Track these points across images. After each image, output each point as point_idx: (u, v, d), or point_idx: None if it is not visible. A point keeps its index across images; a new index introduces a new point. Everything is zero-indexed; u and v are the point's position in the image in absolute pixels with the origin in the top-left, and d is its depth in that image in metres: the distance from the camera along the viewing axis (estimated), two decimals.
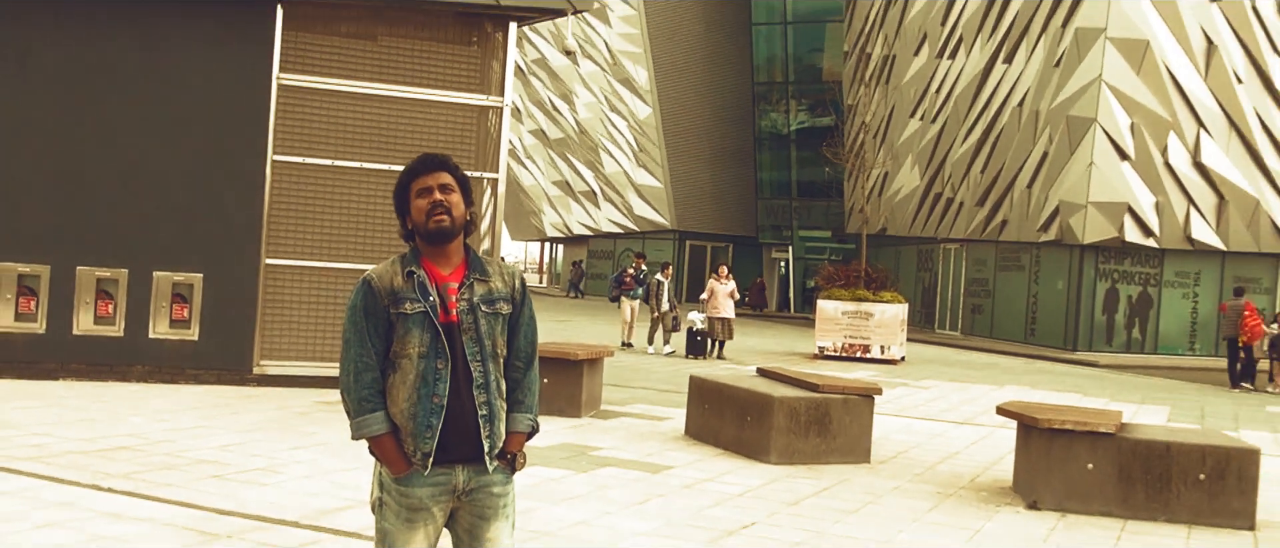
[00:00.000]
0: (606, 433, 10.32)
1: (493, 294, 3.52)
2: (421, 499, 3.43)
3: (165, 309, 11.57)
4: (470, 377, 3.43)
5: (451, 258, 3.52)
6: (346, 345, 3.46)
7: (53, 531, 5.89)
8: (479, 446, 3.44)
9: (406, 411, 3.41)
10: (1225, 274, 29.26)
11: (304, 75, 11.86)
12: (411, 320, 3.41)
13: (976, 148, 32.02)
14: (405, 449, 3.43)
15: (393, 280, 3.45)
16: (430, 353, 3.41)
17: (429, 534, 3.49)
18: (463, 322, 3.45)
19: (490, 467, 3.46)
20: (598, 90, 46.28)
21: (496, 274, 3.57)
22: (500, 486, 3.51)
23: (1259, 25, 28.66)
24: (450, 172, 3.52)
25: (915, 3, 35.15)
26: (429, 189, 3.48)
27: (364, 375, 3.43)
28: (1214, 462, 8.04)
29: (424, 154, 3.59)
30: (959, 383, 18.19)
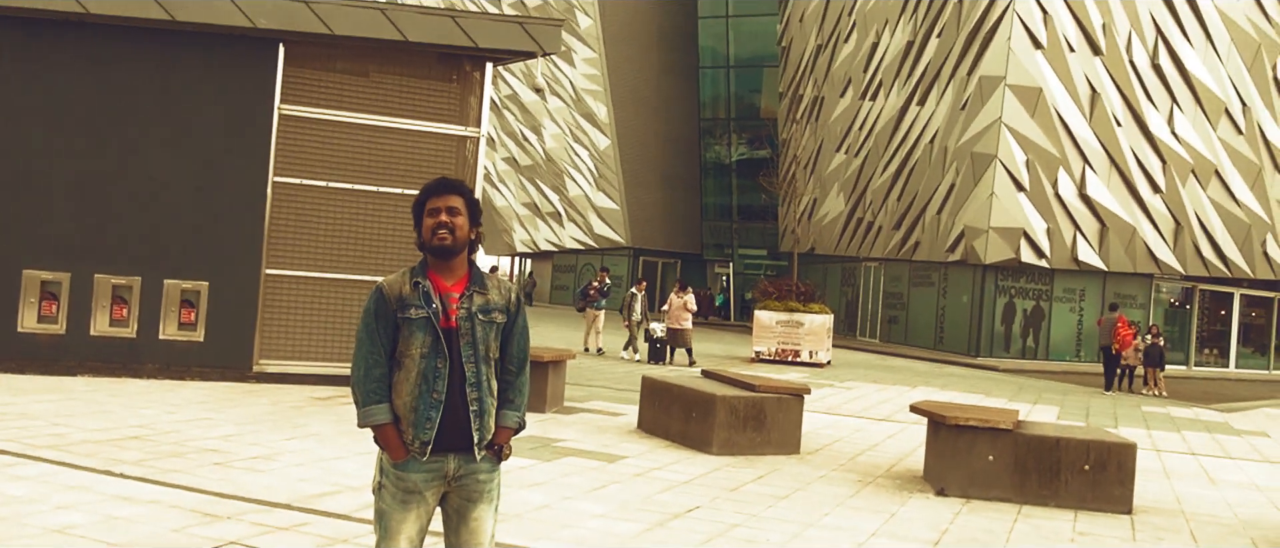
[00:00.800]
0: (568, 427, 10.27)
1: (489, 305, 3.55)
2: (416, 483, 3.46)
3: (174, 313, 11.39)
4: (464, 376, 3.47)
5: (456, 271, 3.56)
6: (359, 344, 3.51)
7: (70, 512, 5.76)
8: (469, 437, 3.48)
9: (408, 403, 3.46)
10: (1107, 291, 29.68)
11: (303, 106, 11.74)
12: (415, 324, 3.46)
13: (893, 179, 32.27)
14: (404, 438, 3.47)
15: (402, 289, 3.51)
16: (431, 353, 3.46)
17: (421, 515, 3.51)
18: (461, 327, 3.49)
19: (478, 456, 3.50)
20: (563, 123, 46.21)
21: (494, 288, 3.61)
22: (486, 473, 3.55)
23: (1135, 77, 29.16)
24: (462, 195, 3.56)
25: (841, 51, 35.41)
26: (438, 210, 3.51)
27: (373, 371, 3.48)
28: (1097, 454, 8.13)
29: (440, 178, 3.62)
30: (878, 384, 18.28)
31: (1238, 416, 17.51)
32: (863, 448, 10.42)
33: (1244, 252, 32.18)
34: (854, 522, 7.02)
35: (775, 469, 8.77)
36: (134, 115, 11.44)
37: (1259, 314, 36.05)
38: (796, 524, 6.82)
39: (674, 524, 6.56)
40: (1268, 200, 32.47)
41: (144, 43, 11.42)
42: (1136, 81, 29.15)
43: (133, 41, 11.40)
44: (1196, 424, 15.42)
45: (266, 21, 11.38)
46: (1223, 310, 34.53)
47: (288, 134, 11.68)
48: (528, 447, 8.86)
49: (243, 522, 5.81)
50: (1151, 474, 9.94)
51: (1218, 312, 34.44)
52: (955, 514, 7.53)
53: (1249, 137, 31.57)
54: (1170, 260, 30.54)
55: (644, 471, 8.30)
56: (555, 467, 8.13)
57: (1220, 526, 7.91)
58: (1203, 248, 31.14)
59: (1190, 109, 30.13)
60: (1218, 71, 30.60)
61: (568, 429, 10.08)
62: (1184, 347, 32.81)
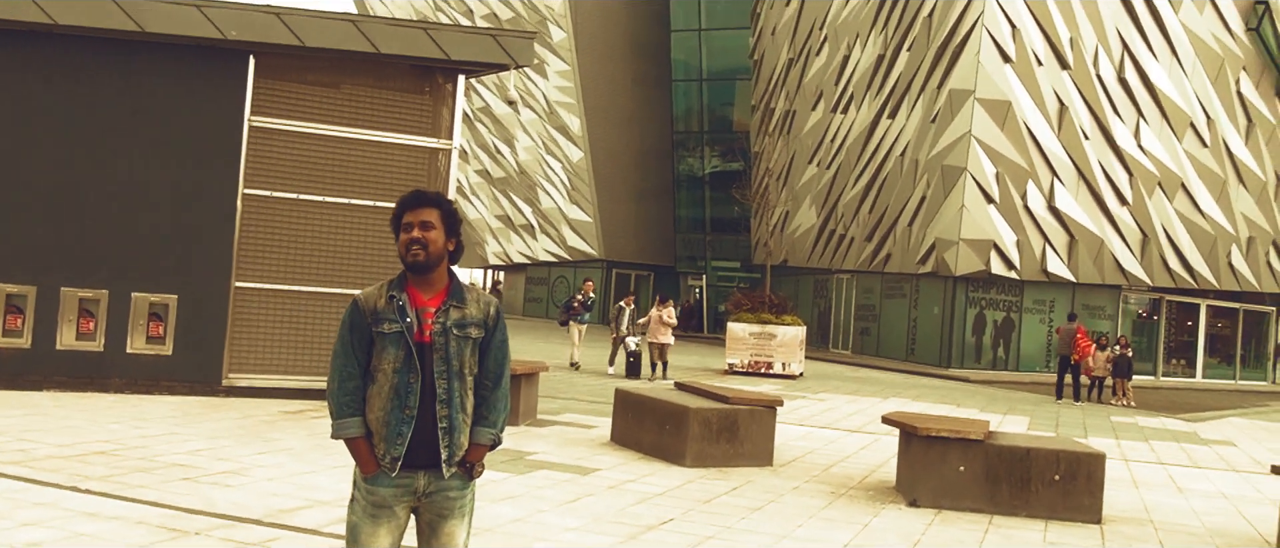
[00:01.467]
0: (541, 439, 10.23)
1: (465, 319, 3.52)
2: (385, 498, 3.44)
3: (142, 327, 11.26)
4: (435, 392, 3.43)
5: (434, 284, 3.53)
6: (335, 357, 3.50)
7: (35, 529, 5.67)
8: (436, 454, 3.44)
9: (380, 418, 3.43)
10: (1075, 302, 29.95)
11: (273, 118, 11.67)
12: (388, 339, 3.44)
13: (865, 191, 32.45)
14: (376, 452, 3.44)
15: (377, 302, 3.49)
16: (404, 368, 3.43)
17: (392, 530, 3.49)
18: (435, 342, 3.45)
19: (447, 474, 3.46)
20: (536, 135, 46.18)
21: (473, 302, 3.56)
22: (457, 490, 3.51)
23: (1103, 92, 29.51)
24: (438, 208, 3.52)
25: (813, 64, 35.62)
26: (411, 225, 3.48)
27: (347, 384, 3.47)
28: (1067, 465, 8.20)
29: (415, 190, 3.58)
30: (850, 396, 18.34)
31: (1205, 425, 17.71)
32: (835, 459, 10.45)
33: (1210, 263, 32.59)
34: (827, 534, 7.03)
35: (748, 481, 8.78)
36: (101, 127, 11.32)
37: (1225, 325, 36.49)
38: (770, 536, 6.82)
39: (647, 537, 6.55)
40: (1232, 213, 32.92)
41: (112, 53, 11.32)
42: (1103, 95, 29.50)
43: (101, 52, 11.29)
44: (1164, 434, 15.57)
45: (237, 33, 11.31)
46: (1189, 321, 34.94)
47: (258, 146, 11.60)
48: (501, 460, 8.82)
49: (212, 538, 5.74)
50: (1121, 484, 10.03)
51: (1185, 323, 34.84)
52: (927, 525, 7.56)
53: (1214, 150, 32.01)
54: (1138, 272, 30.87)
55: (617, 483, 8.28)
56: (528, 480, 8.10)
57: (1188, 534, 7.99)
58: (1169, 260, 31.50)
59: (1156, 123, 30.52)
60: (1182, 86, 31.02)
61: (541, 442, 10.04)
62: (1152, 357, 33.16)
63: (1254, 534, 8.21)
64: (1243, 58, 32.61)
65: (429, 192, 3.56)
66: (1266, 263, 34.85)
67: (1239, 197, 33.10)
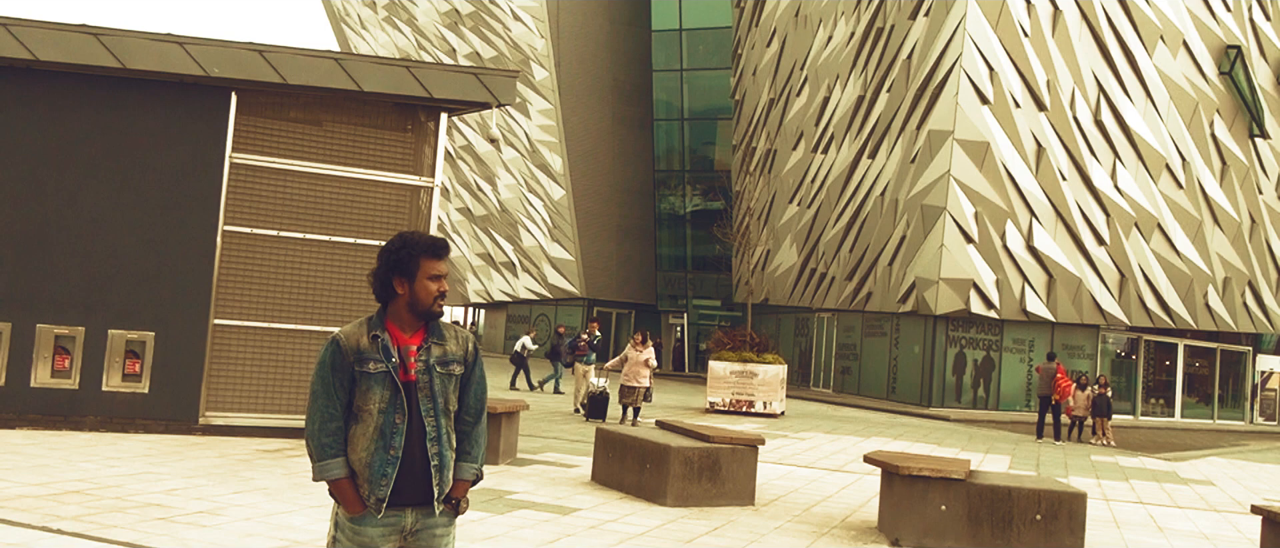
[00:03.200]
0: (521, 479, 10.16)
1: (448, 357, 3.51)
2: (372, 538, 3.41)
3: (118, 364, 11.15)
4: (424, 430, 3.42)
5: (414, 322, 3.51)
6: (314, 397, 3.43)
7: None
8: (428, 491, 3.43)
9: (365, 459, 3.39)
10: (1054, 341, 30.10)
11: (255, 155, 11.65)
12: (374, 379, 3.40)
13: (845, 230, 32.61)
14: (361, 493, 3.40)
15: (360, 341, 3.44)
16: (390, 408, 3.40)
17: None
18: (419, 381, 3.44)
19: (437, 510, 3.45)
20: (517, 174, 46.28)
21: (452, 338, 3.56)
22: (443, 527, 3.50)
23: (1079, 133, 29.85)
24: (447, 254, 3.57)
25: (794, 105, 35.91)
26: (439, 276, 3.48)
27: (329, 425, 3.40)
28: (1048, 504, 8.19)
29: (440, 239, 3.57)
30: (831, 435, 18.31)
31: (1184, 464, 17.76)
32: (817, 499, 10.41)
33: (1187, 303, 32.85)
34: None
35: (730, 521, 8.73)
36: (82, 162, 11.27)
37: (1202, 364, 36.73)
38: None
39: None
40: (1208, 253, 33.24)
41: (94, 90, 11.29)
42: (1080, 137, 29.82)
43: (82, 88, 11.27)
44: (1144, 473, 15.60)
45: (219, 70, 11.31)
46: (1168, 361, 35.14)
47: (239, 182, 11.57)
48: (481, 499, 8.74)
49: None
50: (1101, 523, 10.02)
51: (1163, 362, 35.05)
52: None
53: (1189, 191, 32.38)
54: (1116, 311, 31.07)
55: (598, 523, 8.21)
56: (508, 520, 8.02)
57: None
58: (1147, 299, 31.73)
59: (1132, 164, 30.86)
60: (1158, 128, 31.42)
61: (521, 481, 9.97)
62: (1131, 396, 33.30)
63: None
64: (1216, 101, 33.10)
65: (446, 242, 3.58)
66: (1242, 303, 35.15)
67: (1214, 237, 33.44)
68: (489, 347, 53.25)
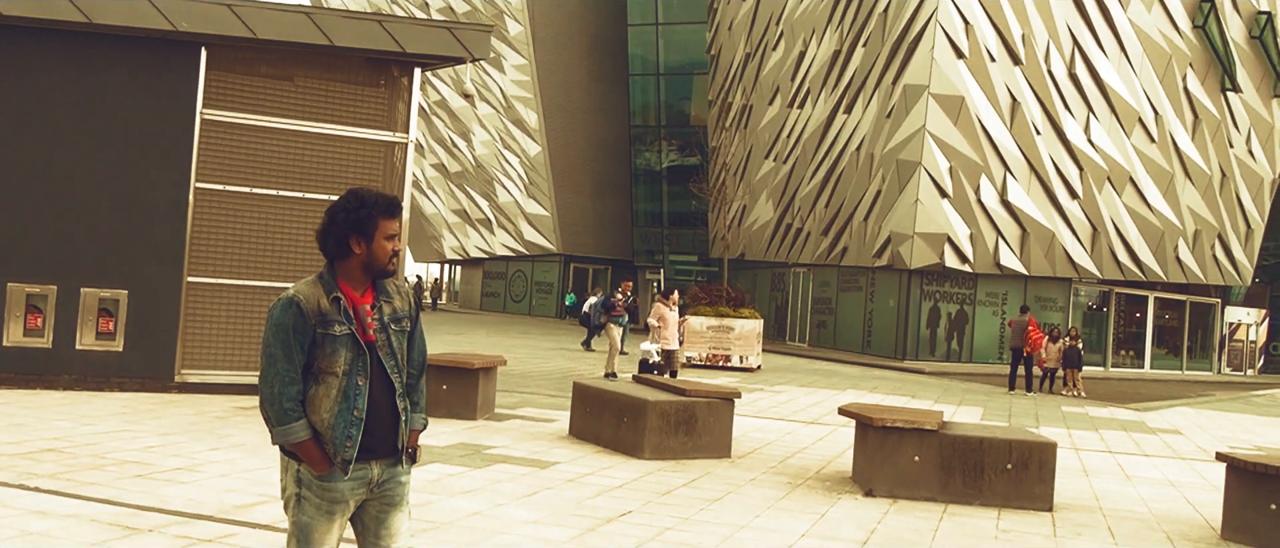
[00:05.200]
0: (499, 433, 10.21)
1: (397, 313, 3.55)
2: (342, 493, 3.44)
3: (92, 322, 11.08)
4: (391, 386, 3.48)
5: (363, 280, 3.50)
6: (273, 360, 3.36)
7: None
8: (394, 444, 3.48)
9: (328, 421, 3.38)
10: (1027, 295, 30.39)
11: (226, 111, 11.52)
12: (339, 341, 3.39)
13: (821, 185, 32.67)
14: (326, 453, 3.40)
15: (319, 302, 3.40)
16: (353, 370, 3.41)
17: (341, 526, 3.51)
18: (378, 340, 3.48)
19: (404, 462, 3.53)
20: (493, 129, 45.99)
21: (397, 294, 3.58)
22: (405, 475, 3.57)
23: (1053, 86, 29.94)
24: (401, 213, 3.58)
25: (769, 59, 35.78)
26: (394, 236, 3.48)
27: (289, 389, 3.36)
28: (1019, 454, 8.32)
29: (393, 198, 3.52)
30: (807, 388, 18.48)
31: (1152, 414, 18.05)
32: (793, 451, 10.53)
33: (1157, 256, 33.21)
34: (784, 524, 7.09)
35: (707, 473, 8.82)
36: (49, 120, 11.12)
37: (1172, 317, 37.22)
38: (728, 527, 6.87)
39: (606, 529, 6.57)
40: (1179, 207, 33.56)
41: (60, 45, 11.11)
42: (1055, 91, 29.92)
43: (50, 44, 11.08)
44: (1113, 423, 15.86)
45: (188, 25, 11.14)
46: (1138, 313, 35.58)
47: (210, 139, 11.45)
48: (459, 454, 8.79)
49: (165, 535, 5.68)
50: (1071, 472, 10.20)
51: (1133, 315, 35.48)
52: (883, 514, 7.64)
53: (1161, 145, 32.61)
54: (1088, 265, 31.37)
55: (576, 476, 8.29)
56: (486, 474, 8.08)
57: (1136, 521, 8.15)
58: (1119, 253, 32.05)
59: (1106, 118, 31.02)
60: (1131, 82, 31.55)
61: (498, 436, 10.02)
62: (1101, 348, 33.73)
63: (1199, 520, 8.40)
64: (1189, 55, 33.24)
65: (397, 200, 3.54)
66: (1212, 256, 35.58)
67: (1186, 191, 33.75)
68: (466, 302, 53.22)
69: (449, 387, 10.84)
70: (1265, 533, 7.39)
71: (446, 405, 10.77)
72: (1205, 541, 7.61)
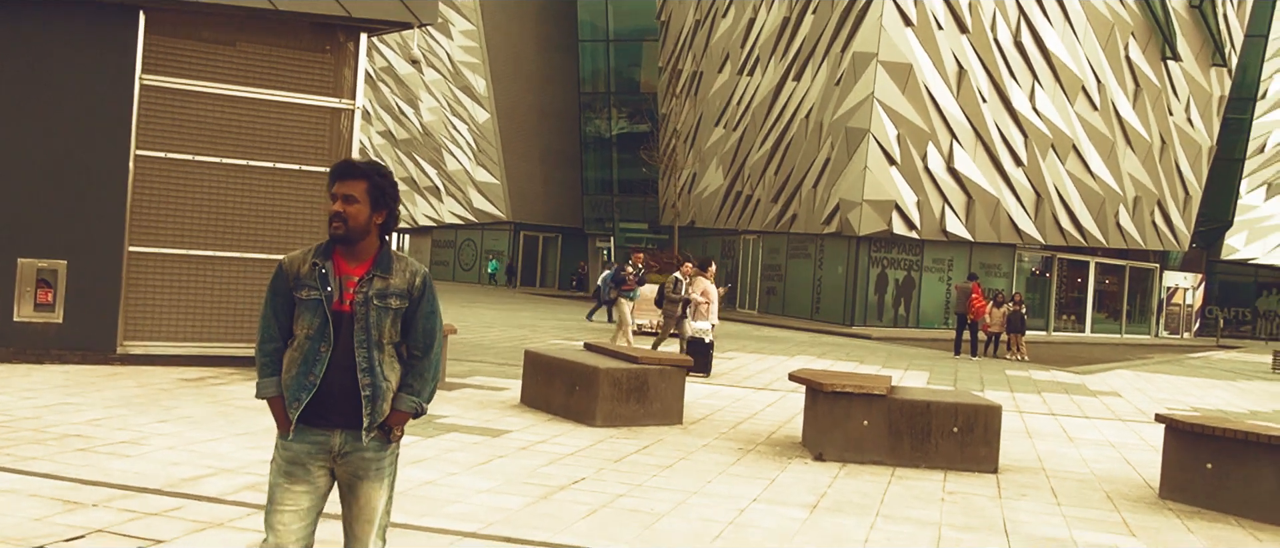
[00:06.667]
0: (450, 403, 10.17)
1: (388, 290, 3.52)
2: (298, 454, 3.47)
3: (30, 293, 10.81)
4: (356, 362, 3.46)
5: (360, 254, 3.53)
6: (261, 318, 3.56)
7: None
8: (358, 416, 3.47)
9: (286, 382, 3.48)
10: (973, 261, 30.81)
11: (167, 76, 11.24)
12: (306, 305, 3.47)
13: (771, 153, 32.78)
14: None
15: (300, 268, 3.50)
16: (316, 336, 3.45)
17: (308, 492, 3.50)
18: (356, 312, 3.47)
19: (365, 439, 3.49)
20: (441, 96, 45.47)
21: (399, 273, 3.55)
22: (373, 452, 3.53)
23: (1000, 55, 30.23)
24: (366, 179, 3.49)
25: (720, 26, 35.71)
26: (336, 196, 3.47)
27: (267, 346, 3.53)
28: (965, 417, 8.46)
29: (345, 161, 3.55)
30: (757, 354, 18.61)
31: (1093, 377, 18.45)
32: (743, 417, 10.61)
33: (1099, 222, 33.81)
34: (736, 489, 7.15)
35: (659, 440, 8.86)
36: None
37: (1112, 281, 37.98)
38: (680, 493, 6.91)
39: (559, 496, 6.58)
40: (1120, 173, 34.16)
41: None
42: (1001, 59, 30.23)
43: None
44: (1056, 386, 16.18)
45: None
46: (1079, 279, 36.26)
47: (151, 105, 11.18)
48: (410, 424, 8.73)
49: (110, 509, 5.58)
50: (1015, 435, 10.39)
51: (1075, 280, 36.16)
52: (833, 478, 7.74)
53: (1104, 113, 33.12)
54: (1031, 231, 31.87)
55: (528, 444, 8.28)
56: (438, 443, 8.05)
57: (1078, 481, 8.34)
58: (1061, 219, 32.59)
59: (1050, 86, 31.42)
60: (1075, 50, 31.95)
61: (450, 405, 9.98)
62: (1044, 313, 34.35)
63: (1138, 479, 8.61)
64: (1131, 24, 33.72)
65: (361, 163, 3.53)
66: (1151, 222, 36.31)
67: (1126, 158, 34.35)
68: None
69: None
70: (1201, 492, 7.60)
71: None
72: (1144, 499, 7.81)
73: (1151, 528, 6.88)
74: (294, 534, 3.45)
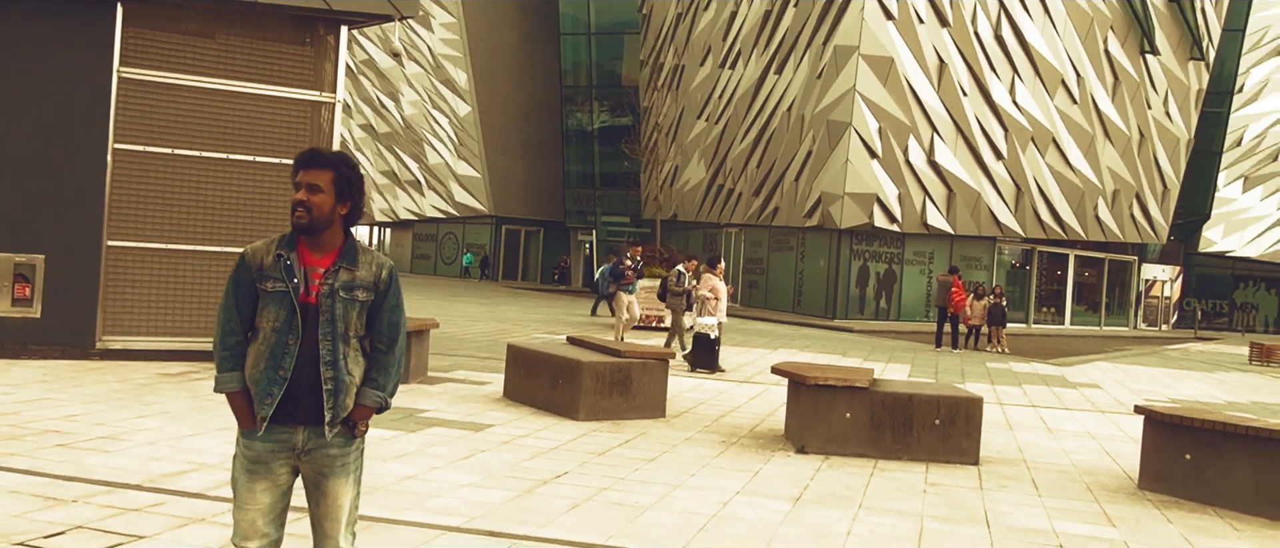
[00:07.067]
0: (432, 397, 10.14)
1: (354, 282, 3.46)
2: (260, 453, 3.42)
3: (7, 288, 10.71)
4: (319, 354, 3.40)
5: (326, 245, 3.47)
6: (220, 310, 3.47)
7: None
8: (320, 412, 3.41)
9: (253, 376, 3.40)
10: (954, 254, 30.93)
11: (145, 69, 11.15)
12: (271, 297, 3.40)
13: (753, 146, 32.80)
14: (252, 408, 3.41)
15: (264, 259, 3.43)
16: (283, 329, 3.38)
17: (271, 488, 3.46)
18: (321, 304, 3.41)
19: (328, 434, 3.43)
20: (421, 89, 45.29)
21: (365, 265, 3.51)
22: (337, 448, 3.48)
23: (980, 48, 30.34)
24: (331, 169, 3.43)
25: (701, 19, 35.69)
26: (300, 185, 3.42)
27: (227, 339, 3.44)
28: (946, 409, 8.50)
29: (311, 150, 3.49)
30: (739, 347, 18.63)
31: (1073, 369, 18.58)
32: (726, 410, 10.63)
33: (1078, 215, 34.02)
34: (719, 482, 7.16)
35: (642, 433, 8.87)
36: None
37: (1091, 274, 38.24)
38: (664, 486, 6.92)
39: (543, 490, 6.57)
40: (1099, 167, 34.37)
41: None
42: (981, 53, 30.34)
43: None
44: (1036, 378, 16.28)
45: None
46: (1059, 271, 36.48)
47: (129, 99, 11.09)
48: (391, 418, 8.71)
49: (90, 505, 5.54)
50: (996, 426, 10.45)
51: (1054, 272, 36.37)
52: (815, 471, 7.76)
53: (1083, 106, 33.30)
54: (1012, 224, 32.03)
55: (511, 438, 8.27)
56: (420, 437, 8.03)
57: (1058, 472, 8.40)
58: (1041, 212, 32.77)
59: (1030, 80, 31.56)
60: (1055, 44, 32.11)
61: (432, 399, 9.95)
62: (1024, 306, 34.55)
63: (1118, 470, 8.68)
64: (1110, 18, 33.90)
65: (326, 153, 3.47)
66: (1130, 215, 36.57)
67: (1105, 152, 34.56)
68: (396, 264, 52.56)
69: None
70: (1180, 482, 7.67)
71: None
72: (1124, 490, 7.87)
73: (1131, 519, 6.94)
74: (259, 531, 3.44)
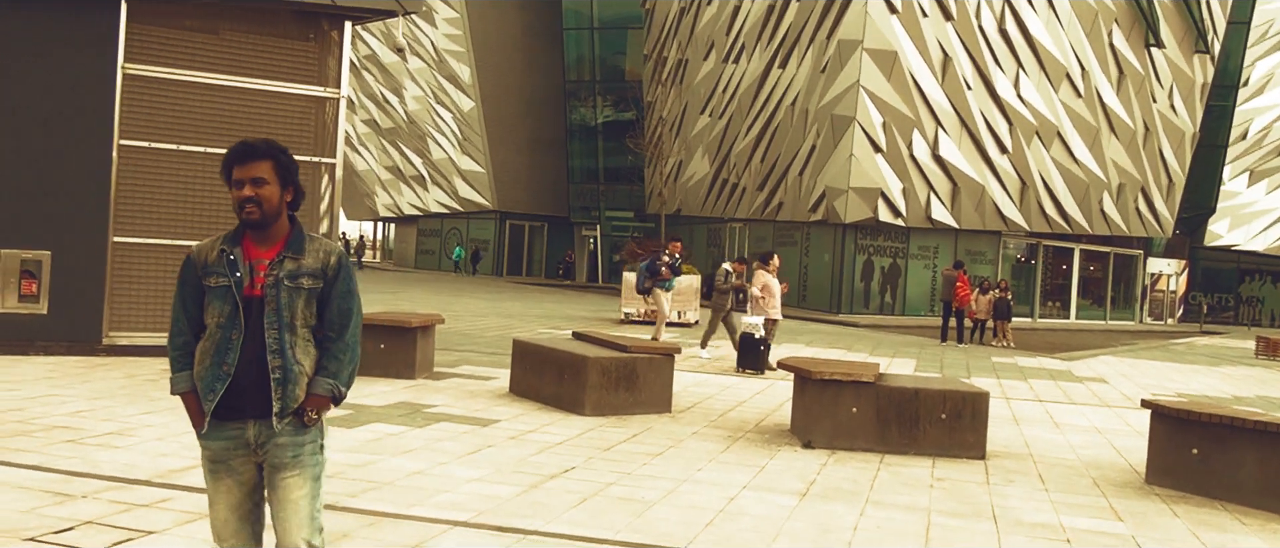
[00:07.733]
0: (439, 392, 10.16)
1: (300, 270, 3.42)
2: (217, 451, 3.42)
3: (14, 284, 10.74)
4: (266, 344, 3.36)
5: (272, 236, 3.44)
6: (172, 311, 3.47)
7: None
8: (268, 404, 3.37)
9: (199, 374, 3.39)
10: (959, 248, 30.90)
11: (149, 66, 11.16)
12: (215, 293, 3.39)
13: (757, 141, 32.77)
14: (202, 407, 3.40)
15: (209, 256, 3.42)
16: (227, 324, 3.36)
17: (234, 487, 3.45)
18: (267, 295, 3.37)
19: (277, 425, 3.38)
20: (425, 85, 45.30)
21: (312, 253, 3.46)
22: (288, 438, 3.40)
23: (984, 42, 30.29)
24: (270, 159, 3.39)
25: (705, 13, 35.64)
26: (242, 182, 3.37)
27: (176, 339, 3.45)
28: (952, 404, 8.50)
29: (242, 142, 3.42)
30: None
31: (1079, 364, 18.56)
32: (732, 405, 10.63)
33: (1083, 209, 33.97)
34: (726, 477, 7.17)
35: (648, 428, 8.87)
36: None
37: (1096, 268, 38.20)
38: (671, 481, 6.92)
39: (550, 485, 6.58)
40: (1104, 160, 34.31)
41: None
42: (985, 46, 30.28)
43: None
44: (1042, 373, 16.27)
45: None
46: (1064, 265, 36.45)
47: (134, 95, 11.11)
48: (398, 414, 8.73)
49: (100, 501, 5.56)
50: (1002, 421, 10.45)
51: (1059, 266, 36.34)
52: (822, 465, 7.77)
53: (1088, 100, 33.24)
54: (1017, 218, 31.99)
55: (518, 433, 8.28)
56: (427, 433, 8.04)
57: (1065, 467, 8.40)
58: (1046, 206, 32.73)
59: (1034, 73, 31.50)
60: (1059, 38, 32.04)
61: (438, 395, 9.97)
62: (1029, 300, 34.53)
63: (1125, 465, 8.68)
64: (1115, 11, 33.83)
65: (258, 142, 3.42)
66: (1135, 209, 36.51)
67: (1110, 145, 34.50)
68: (401, 260, 52.66)
69: (386, 346, 10.73)
70: (1187, 477, 7.66)
71: (383, 365, 10.68)
72: (1131, 485, 7.87)
73: (1138, 513, 6.94)
74: (232, 528, 3.44)
